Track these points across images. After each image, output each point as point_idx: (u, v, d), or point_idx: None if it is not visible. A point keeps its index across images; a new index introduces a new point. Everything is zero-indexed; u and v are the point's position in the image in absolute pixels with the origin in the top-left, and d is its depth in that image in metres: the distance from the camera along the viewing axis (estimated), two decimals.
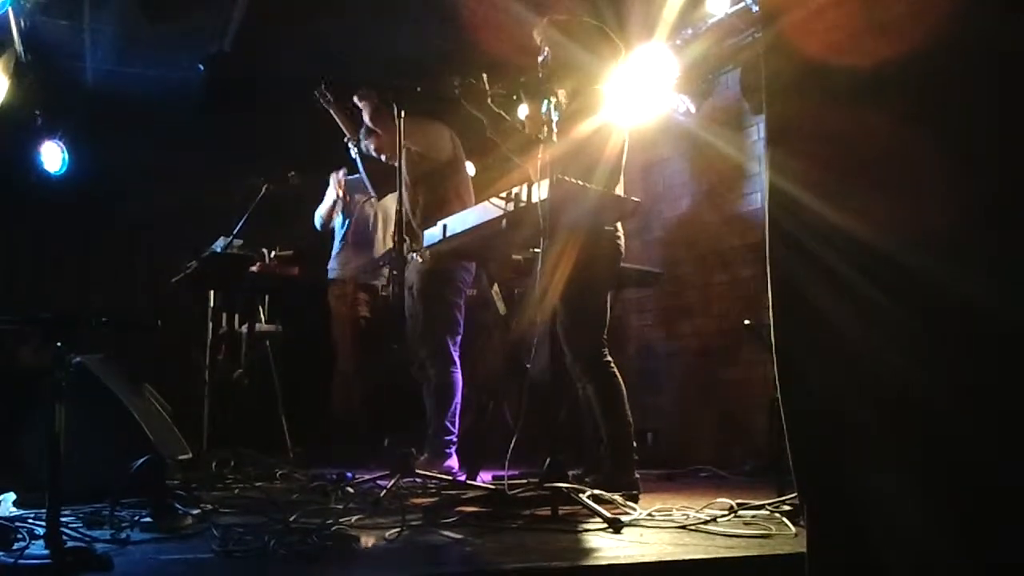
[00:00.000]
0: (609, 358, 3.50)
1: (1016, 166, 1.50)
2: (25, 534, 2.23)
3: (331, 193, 5.66)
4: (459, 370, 4.56)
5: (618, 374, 3.49)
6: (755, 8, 4.72)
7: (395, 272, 3.87)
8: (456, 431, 4.55)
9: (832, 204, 1.75)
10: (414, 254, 4.41)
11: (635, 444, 3.47)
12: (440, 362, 4.50)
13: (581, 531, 2.56)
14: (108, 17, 5.52)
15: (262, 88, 5.91)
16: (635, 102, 3.67)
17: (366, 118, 4.61)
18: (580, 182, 3.19)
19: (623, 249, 3.61)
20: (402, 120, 3.74)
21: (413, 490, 3.42)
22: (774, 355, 1.99)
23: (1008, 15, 1.50)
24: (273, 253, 5.24)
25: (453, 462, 4.48)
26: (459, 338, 4.61)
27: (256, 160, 5.57)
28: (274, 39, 5.70)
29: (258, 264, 5.02)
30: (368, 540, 2.39)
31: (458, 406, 4.54)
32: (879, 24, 1.68)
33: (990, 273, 1.52)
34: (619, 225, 3.58)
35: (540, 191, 3.10)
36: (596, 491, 3.01)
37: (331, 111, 4.80)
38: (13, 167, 5.98)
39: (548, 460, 2.99)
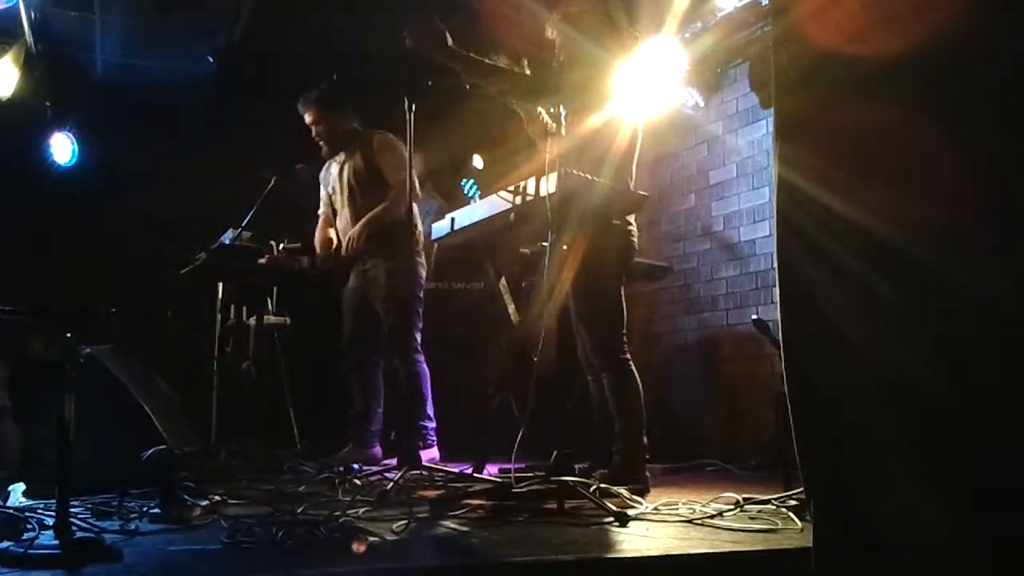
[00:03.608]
0: (628, 355, 3.50)
1: (1020, 162, 1.49)
2: (35, 524, 2.24)
3: None
4: (424, 360, 4.64)
5: (635, 371, 3.49)
6: (765, 2, 4.70)
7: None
8: (434, 420, 4.59)
9: (841, 198, 1.75)
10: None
11: (647, 442, 3.47)
12: (411, 355, 4.57)
13: (587, 524, 2.57)
14: (118, 8, 5.54)
15: (272, 80, 5.90)
16: (644, 95, 3.65)
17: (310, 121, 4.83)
18: (588, 176, 3.19)
19: (636, 243, 3.60)
20: (412, 115, 3.71)
21: (420, 482, 3.43)
22: (782, 350, 1.99)
23: (1011, 13, 1.50)
24: (282, 245, 5.24)
25: (435, 452, 4.50)
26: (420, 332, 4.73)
27: (265, 152, 5.56)
28: (284, 30, 5.69)
29: (266, 256, 5.02)
30: (375, 532, 2.40)
31: (429, 395, 4.62)
32: (888, 18, 1.67)
33: (992, 267, 1.51)
34: (632, 219, 3.56)
35: (548, 185, 3.10)
36: (603, 485, 3.01)
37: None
38: (23, 159, 5.99)
39: (555, 453, 2.99)
